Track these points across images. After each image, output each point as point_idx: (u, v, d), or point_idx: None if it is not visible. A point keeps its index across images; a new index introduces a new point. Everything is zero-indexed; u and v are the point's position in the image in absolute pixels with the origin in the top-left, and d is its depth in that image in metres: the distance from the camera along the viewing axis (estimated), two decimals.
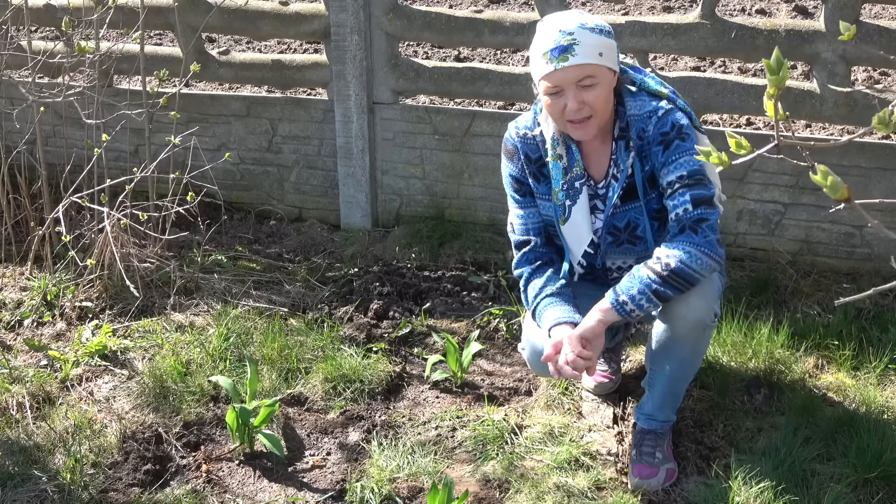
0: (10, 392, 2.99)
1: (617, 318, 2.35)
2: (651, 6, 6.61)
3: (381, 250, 3.97)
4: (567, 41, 2.27)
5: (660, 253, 2.34)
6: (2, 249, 3.91)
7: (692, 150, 2.36)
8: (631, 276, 2.35)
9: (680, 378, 2.57)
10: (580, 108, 2.30)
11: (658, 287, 2.31)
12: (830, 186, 1.16)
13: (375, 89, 4.01)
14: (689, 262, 2.30)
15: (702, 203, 2.34)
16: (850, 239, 3.59)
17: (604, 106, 2.34)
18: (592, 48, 2.28)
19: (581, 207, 2.49)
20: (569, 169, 2.47)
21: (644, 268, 2.34)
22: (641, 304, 2.32)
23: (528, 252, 2.59)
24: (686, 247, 2.31)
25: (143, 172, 3.55)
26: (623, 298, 2.32)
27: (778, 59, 1.21)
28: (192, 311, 3.49)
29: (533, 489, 2.54)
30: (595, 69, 2.29)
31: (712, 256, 2.32)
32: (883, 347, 3.07)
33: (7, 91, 4.25)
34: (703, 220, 2.33)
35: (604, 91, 2.32)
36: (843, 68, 3.40)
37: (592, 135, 2.39)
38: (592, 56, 2.28)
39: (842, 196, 1.17)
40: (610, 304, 2.34)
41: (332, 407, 2.96)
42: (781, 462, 2.54)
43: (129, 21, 3.92)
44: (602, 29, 2.32)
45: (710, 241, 2.32)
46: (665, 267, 2.30)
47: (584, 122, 2.34)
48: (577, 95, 2.29)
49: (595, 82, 2.29)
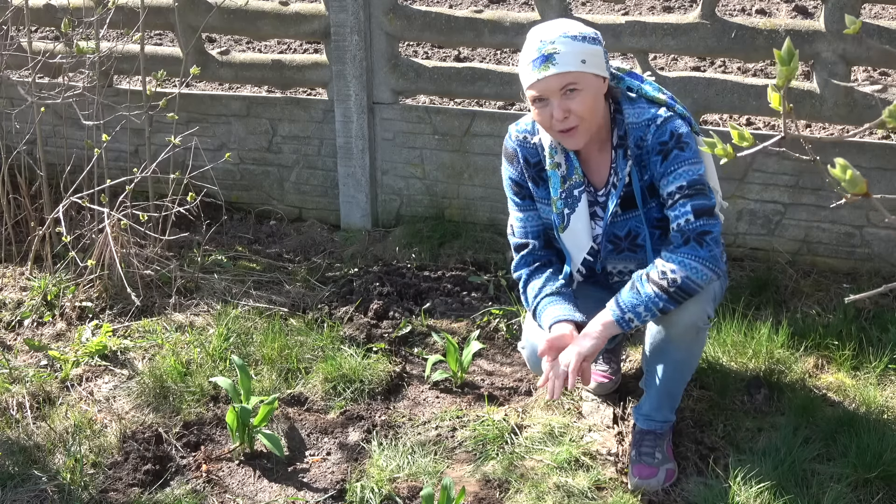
0: (10, 392, 2.99)
1: (619, 332, 2.38)
2: (651, 6, 6.61)
3: (381, 250, 3.97)
4: (548, 50, 2.27)
5: (664, 266, 2.33)
6: (2, 249, 3.91)
7: (691, 160, 2.35)
8: (635, 290, 2.35)
9: (676, 379, 2.57)
10: (565, 116, 2.30)
11: (664, 304, 2.33)
12: (849, 181, 1.14)
13: (375, 89, 4.01)
14: (694, 278, 2.31)
15: (703, 213, 2.34)
16: (850, 239, 3.59)
17: (590, 113, 2.32)
18: (574, 56, 2.27)
19: (580, 216, 2.49)
20: (567, 177, 2.47)
21: (649, 283, 2.33)
22: (646, 319, 2.36)
23: (527, 255, 2.60)
24: (691, 261, 2.31)
25: (143, 173, 3.55)
26: (629, 316, 2.34)
27: (789, 50, 1.20)
28: (192, 311, 3.49)
29: (533, 489, 2.54)
30: (577, 76, 2.28)
31: (715, 270, 2.34)
32: (883, 347, 3.06)
33: (7, 91, 4.25)
34: (707, 232, 2.33)
35: (588, 97, 2.30)
36: (843, 68, 3.40)
37: (583, 143, 2.38)
38: (574, 64, 2.27)
39: (860, 191, 1.15)
40: (614, 319, 2.35)
41: (332, 407, 2.96)
42: (781, 462, 2.54)
43: (129, 21, 3.92)
44: (586, 36, 2.31)
45: (714, 256, 2.33)
46: (672, 283, 2.31)
47: (571, 131, 2.33)
48: (562, 104, 2.29)
49: (578, 89, 2.28)
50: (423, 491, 2.38)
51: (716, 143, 1.26)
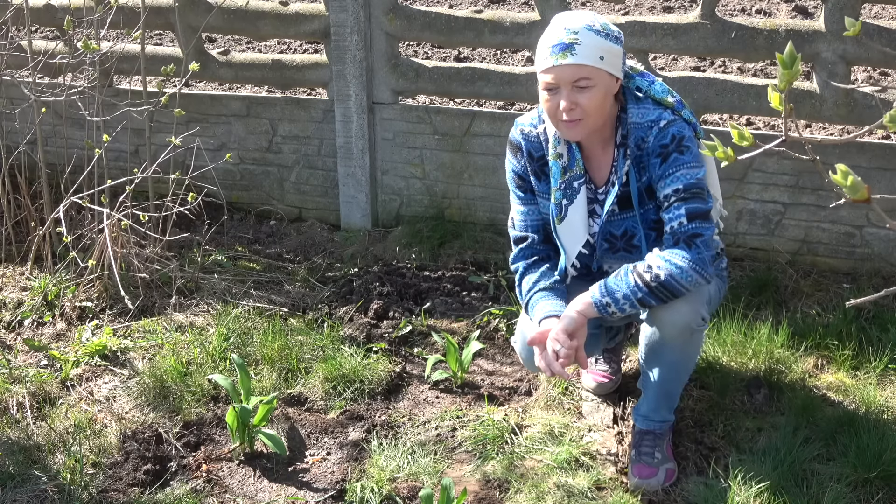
0: (10, 392, 2.99)
1: (596, 315, 2.37)
2: (651, 6, 6.61)
3: (381, 250, 3.97)
4: (570, 39, 2.27)
5: (652, 262, 2.34)
6: (2, 249, 3.91)
7: (691, 164, 2.35)
8: (619, 278, 2.36)
9: (672, 380, 2.57)
10: (572, 108, 2.30)
11: (643, 296, 2.33)
12: (850, 186, 1.13)
13: (375, 89, 4.01)
14: (678, 277, 2.31)
15: (697, 217, 2.34)
16: (850, 239, 3.59)
17: (597, 111, 2.32)
18: (594, 50, 2.27)
19: (578, 207, 2.49)
20: (568, 168, 2.47)
21: (633, 273, 2.34)
22: (624, 308, 2.35)
23: (526, 248, 2.60)
24: (678, 261, 2.31)
25: (143, 173, 3.55)
26: (607, 300, 2.34)
27: (791, 54, 1.20)
28: (192, 311, 3.49)
29: (533, 489, 2.54)
30: (592, 72, 2.28)
31: (702, 273, 2.33)
32: (883, 347, 3.07)
33: (7, 91, 4.25)
34: (699, 235, 2.33)
35: (598, 95, 2.30)
36: (843, 68, 3.40)
37: (582, 137, 2.39)
38: (592, 58, 2.27)
39: (861, 197, 1.14)
40: (593, 301, 2.35)
41: (332, 407, 2.96)
42: (781, 462, 2.54)
43: (129, 21, 3.92)
44: (609, 33, 2.31)
45: (702, 259, 2.32)
46: (654, 278, 2.31)
47: (574, 122, 2.33)
48: (571, 96, 2.29)
49: (590, 84, 2.29)
50: (422, 492, 2.39)
51: (716, 146, 1.26)
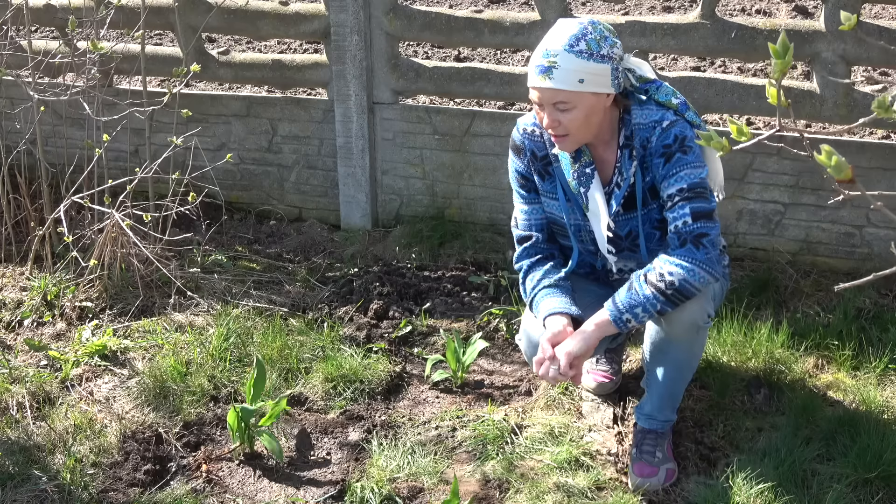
0: (10, 392, 2.99)
1: (615, 332, 2.39)
2: (651, 6, 6.61)
3: (381, 250, 3.97)
4: (548, 63, 2.27)
5: (662, 268, 2.33)
6: (2, 249, 3.91)
7: (694, 163, 2.35)
8: (633, 291, 2.35)
9: (677, 379, 2.58)
10: (554, 125, 2.33)
11: (662, 306, 2.33)
12: (835, 167, 1.15)
13: (375, 89, 4.01)
14: (691, 280, 2.31)
15: (702, 216, 2.34)
16: (850, 239, 3.59)
17: (579, 129, 2.33)
18: (571, 74, 2.25)
19: (595, 189, 2.48)
20: (577, 159, 2.48)
21: (646, 284, 2.33)
22: (643, 320, 2.37)
23: (530, 247, 2.61)
24: (689, 263, 2.31)
25: (143, 173, 3.55)
26: (626, 316, 2.34)
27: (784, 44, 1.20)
28: (192, 311, 3.49)
29: (533, 489, 2.54)
30: (570, 95, 2.27)
31: (712, 273, 2.34)
32: (883, 347, 3.07)
33: (7, 91, 4.25)
34: (705, 234, 2.33)
35: (579, 116, 2.30)
36: (843, 68, 3.40)
37: (571, 150, 2.42)
38: (569, 83, 2.26)
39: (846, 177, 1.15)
40: (611, 319, 2.35)
41: (332, 407, 2.96)
42: (781, 462, 2.54)
43: (129, 21, 3.92)
44: (595, 52, 2.26)
45: (710, 259, 2.33)
46: (669, 285, 2.31)
47: (560, 137, 2.36)
48: (553, 114, 2.31)
49: (569, 108, 2.29)
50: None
51: (711, 135, 1.27)
